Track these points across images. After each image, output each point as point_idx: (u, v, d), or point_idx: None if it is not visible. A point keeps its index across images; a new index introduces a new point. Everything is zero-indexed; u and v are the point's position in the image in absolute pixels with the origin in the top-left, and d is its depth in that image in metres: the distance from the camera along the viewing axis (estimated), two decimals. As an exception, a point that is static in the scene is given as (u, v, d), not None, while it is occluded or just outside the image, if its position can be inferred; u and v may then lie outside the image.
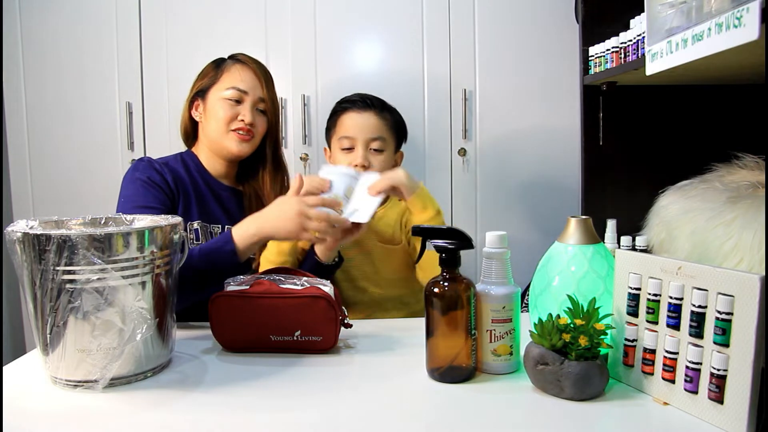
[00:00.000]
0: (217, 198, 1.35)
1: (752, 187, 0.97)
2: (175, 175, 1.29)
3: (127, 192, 1.24)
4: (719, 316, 0.69)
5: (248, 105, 1.32)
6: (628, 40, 1.28)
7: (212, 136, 1.33)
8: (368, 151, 1.36)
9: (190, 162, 1.36)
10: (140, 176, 1.25)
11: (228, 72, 1.33)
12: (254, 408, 0.78)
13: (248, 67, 1.34)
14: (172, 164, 1.33)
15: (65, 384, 0.84)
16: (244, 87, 1.32)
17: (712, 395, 0.69)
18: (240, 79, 1.32)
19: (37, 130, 1.91)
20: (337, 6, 1.87)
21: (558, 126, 1.88)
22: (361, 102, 1.39)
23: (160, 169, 1.28)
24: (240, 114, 1.31)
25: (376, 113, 1.38)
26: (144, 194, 1.23)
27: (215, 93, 1.32)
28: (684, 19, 0.93)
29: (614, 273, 0.84)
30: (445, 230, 0.87)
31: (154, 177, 1.26)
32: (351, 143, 1.37)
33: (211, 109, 1.33)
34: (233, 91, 1.31)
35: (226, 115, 1.30)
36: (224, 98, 1.31)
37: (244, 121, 1.30)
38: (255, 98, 1.33)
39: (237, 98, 1.31)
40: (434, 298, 0.84)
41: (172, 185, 1.27)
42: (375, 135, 1.37)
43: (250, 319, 0.97)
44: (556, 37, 1.85)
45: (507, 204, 1.92)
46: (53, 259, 0.79)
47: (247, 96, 1.32)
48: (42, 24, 1.89)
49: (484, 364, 0.87)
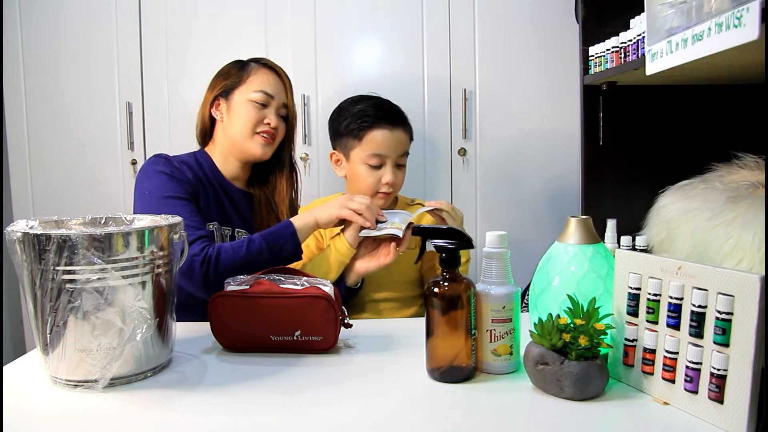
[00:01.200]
0: (231, 200, 1.35)
1: (752, 187, 0.97)
2: (194, 173, 1.29)
3: (149, 184, 1.22)
4: (719, 316, 0.69)
5: (273, 109, 1.33)
6: (628, 40, 1.28)
7: (236, 137, 1.32)
8: (395, 167, 1.36)
9: (204, 162, 1.35)
10: (163, 169, 1.23)
11: (255, 75, 1.33)
12: (254, 408, 0.78)
13: (275, 72, 1.35)
14: (188, 163, 1.31)
15: (65, 384, 0.84)
16: (272, 91, 1.32)
17: (712, 395, 0.69)
18: (268, 83, 1.33)
19: (37, 130, 1.91)
20: (337, 6, 1.87)
21: (558, 126, 1.88)
22: (392, 119, 1.35)
23: (180, 167, 1.27)
24: (266, 118, 1.32)
25: (404, 129, 1.37)
26: (170, 186, 1.21)
27: (241, 95, 1.32)
28: (684, 19, 0.93)
29: (614, 273, 0.84)
30: (445, 230, 0.87)
31: (174, 172, 1.24)
32: (382, 161, 1.34)
33: (236, 110, 1.32)
34: (261, 94, 1.31)
35: (254, 118, 1.31)
36: (251, 100, 1.31)
37: (270, 124, 1.31)
38: (279, 103, 1.34)
39: (264, 102, 1.31)
40: (434, 298, 0.84)
41: (193, 182, 1.26)
42: (403, 151, 1.37)
43: (250, 319, 0.96)
44: (556, 37, 1.85)
45: (507, 204, 1.92)
46: (53, 259, 0.79)
47: (273, 100, 1.33)
48: (42, 24, 1.89)
49: (484, 364, 0.87)
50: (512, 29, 1.87)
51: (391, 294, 1.37)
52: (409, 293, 1.40)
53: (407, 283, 1.39)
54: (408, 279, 1.39)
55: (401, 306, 1.39)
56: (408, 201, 1.47)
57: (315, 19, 1.87)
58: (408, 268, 1.38)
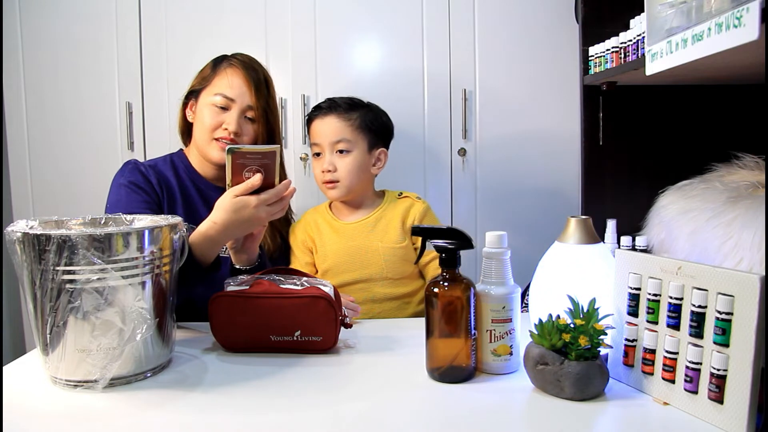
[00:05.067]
0: (206, 200, 1.33)
1: (752, 187, 0.97)
2: (160, 177, 1.28)
3: (112, 198, 1.24)
4: (719, 316, 0.69)
5: (235, 113, 1.29)
6: (628, 40, 1.28)
7: (197, 141, 1.32)
8: (334, 155, 1.38)
9: (179, 163, 1.35)
10: (123, 181, 1.24)
11: (219, 76, 1.31)
12: (254, 408, 0.78)
13: (239, 73, 1.30)
14: (159, 166, 1.32)
15: (65, 384, 0.84)
16: (231, 94, 1.29)
17: (712, 395, 0.69)
18: (228, 86, 1.29)
19: (37, 130, 1.91)
20: (337, 7, 1.87)
21: (558, 126, 1.88)
22: (325, 108, 1.40)
23: (145, 171, 1.27)
24: (225, 122, 1.28)
25: (338, 115, 1.39)
26: (128, 200, 1.21)
27: (205, 97, 1.31)
28: (684, 19, 0.93)
29: (614, 273, 0.84)
30: (445, 230, 0.87)
31: (138, 180, 1.25)
32: (319, 149, 1.40)
33: (198, 113, 1.32)
34: (220, 98, 1.28)
35: (211, 123, 1.28)
36: (211, 104, 1.29)
37: (228, 129, 1.28)
38: (243, 106, 1.29)
39: (224, 105, 1.28)
40: (434, 298, 0.84)
41: (156, 188, 1.26)
42: (338, 138, 1.38)
43: (250, 319, 0.96)
44: (556, 37, 1.85)
45: (507, 204, 1.91)
46: (53, 259, 0.79)
47: (234, 104, 1.29)
48: (42, 24, 1.88)
49: (484, 364, 0.87)
50: (512, 29, 1.87)
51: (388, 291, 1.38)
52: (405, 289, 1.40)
53: (404, 279, 1.40)
54: (404, 275, 1.40)
55: (401, 305, 1.39)
56: (396, 195, 1.47)
57: (315, 19, 1.86)
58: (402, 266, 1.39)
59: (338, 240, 1.40)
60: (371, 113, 1.43)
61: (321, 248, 1.40)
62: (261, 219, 1.06)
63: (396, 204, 1.44)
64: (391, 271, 1.38)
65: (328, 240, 1.41)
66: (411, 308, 1.40)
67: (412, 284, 1.41)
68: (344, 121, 1.39)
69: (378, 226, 1.40)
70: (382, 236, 1.39)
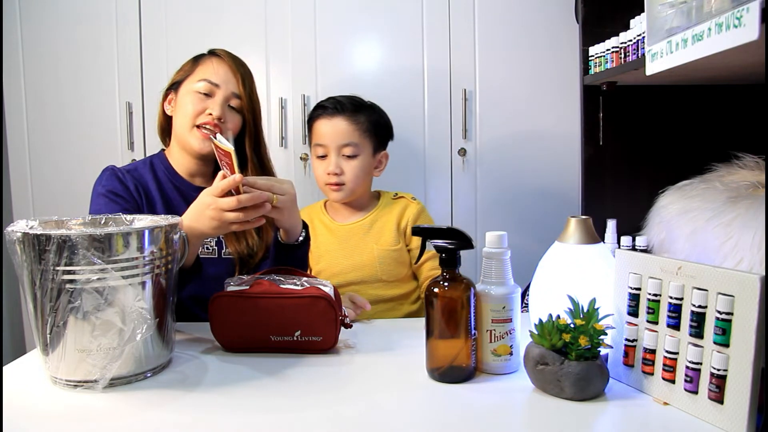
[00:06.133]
0: (187, 201, 1.27)
1: (752, 187, 0.97)
2: (138, 182, 1.25)
3: (93, 207, 1.22)
4: (719, 316, 0.69)
5: (219, 99, 1.24)
6: (628, 40, 1.28)
7: (178, 130, 1.27)
8: (340, 158, 1.36)
9: (159, 165, 1.31)
10: (102, 190, 1.22)
11: (203, 65, 1.28)
12: (254, 408, 0.78)
13: (224, 62, 1.27)
14: (139, 170, 1.28)
15: (65, 384, 0.84)
16: (217, 80, 1.24)
17: (712, 395, 0.69)
18: (213, 72, 1.25)
19: (37, 130, 1.91)
20: (337, 6, 1.87)
21: (558, 126, 1.88)
22: (331, 108, 1.38)
23: (123, 178, 1.24)
24: (209, 108, 1.23)
25: (346, 118, 1.37)
26: (107, 210, 1.18)
27: (187, 85, 1.27)
28: (684, 19, 0.93)
29: (614, 273, 0.84)
30: (445, 230, 0.87)
31: (116, 188, 1.22)
32: (324, 151, 1.38)
33: (180, 101, 1.27)
34: (204, 83, 1.23)
35: (195, 109, 1.23)
36: (195, 91, 1.24)
37: (212, 114, 1.22)
38: (228, 93, 1.25)
39: (207, 91, 1.24)
40: (434, 298, 0.84)
41: (134, 193, 1.23)
42: (346, 141, 1.36)
43: (250, 319, 0.96)
44: (556, 37, 1.85)
45: (507, 204, 1.92)
46: (53, 259, 0.79)
47: (219, 89, 1.24)
48: (42, 24, 1.88)
49: (484, 364, 0.87)
50: (512, 29, 1.87)
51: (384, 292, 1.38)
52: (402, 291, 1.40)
53: (400, 281, 1.40)
54: (398, 277, 1.40)
55: (394, 306, 1.39)
56: (392, 196, 1.47)
57: (315, 19, 1.87)
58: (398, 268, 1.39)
59: (333, 241, 1.40)
60: (375, 114, 1.43)
61: (315, 248, 1.40)
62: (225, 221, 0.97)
63: (391, 206, 1.44)
64: (385, 274, 1.38)
65: (322, 240, 1.41)
66: (404, 309, 1.40)
67: (405, 286, 1.41)
68: (352, 123, 1.37)
69: (373, 228, 1.40)
70: (377, 239, 1.39)
